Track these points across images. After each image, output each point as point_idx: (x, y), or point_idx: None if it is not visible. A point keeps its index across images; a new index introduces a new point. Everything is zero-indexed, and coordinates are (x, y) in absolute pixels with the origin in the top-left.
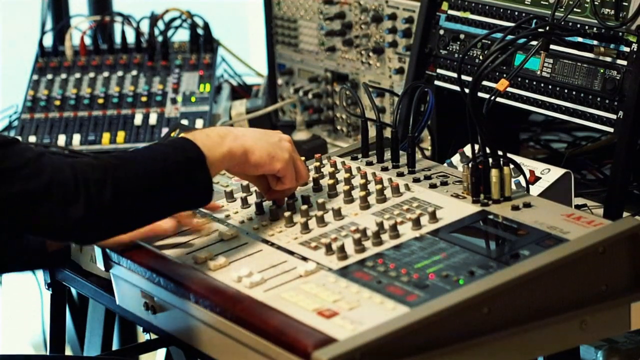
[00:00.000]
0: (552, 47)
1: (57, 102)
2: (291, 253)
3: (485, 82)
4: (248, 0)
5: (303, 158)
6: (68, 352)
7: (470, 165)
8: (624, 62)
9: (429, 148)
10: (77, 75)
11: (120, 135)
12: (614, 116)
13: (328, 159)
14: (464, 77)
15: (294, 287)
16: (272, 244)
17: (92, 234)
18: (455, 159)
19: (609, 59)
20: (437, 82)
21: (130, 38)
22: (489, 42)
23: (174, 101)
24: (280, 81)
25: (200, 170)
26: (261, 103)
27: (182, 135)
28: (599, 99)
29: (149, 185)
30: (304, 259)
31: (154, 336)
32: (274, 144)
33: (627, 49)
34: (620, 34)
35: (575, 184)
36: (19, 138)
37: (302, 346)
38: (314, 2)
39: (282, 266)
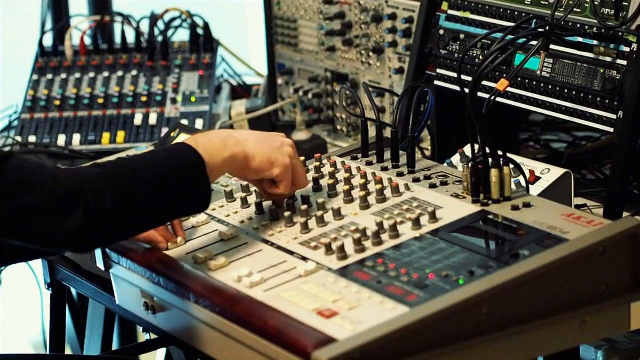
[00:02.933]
0: (552, 47)
1: (57, 102)
2: (291, 253)
3: (485, 82)
4: (248, 0)
5: (303, 158)
6: (68, 352)
7: (470, 165)
8: (624, 62)
9: (429, 148)
10: (77, 75)
11: (120, 135)
12: (614, 116)
13: (328, 159)
14: (464, 77)
15: (294, 287)
16: (272, 244)
17: (90, 242)
18: (455, 159)
19: (609, 59)
20: (437, 82)
21: (130, 38)
22: (489, 42)
23: (174, 101)
24: (280, 81)
25: (199, 177)
26: (261, 103)
27: (184, 140)
28: (599, 99)
29: (148, 192)
30: (304, 259)
31: (154, 336)
32: (276, 149)
33: (627, 49)
34: (620, 34)
35: (575, 184)
36: (14, 151)
37: (302, 346)
38: (314, 2)
39: (282, 266)
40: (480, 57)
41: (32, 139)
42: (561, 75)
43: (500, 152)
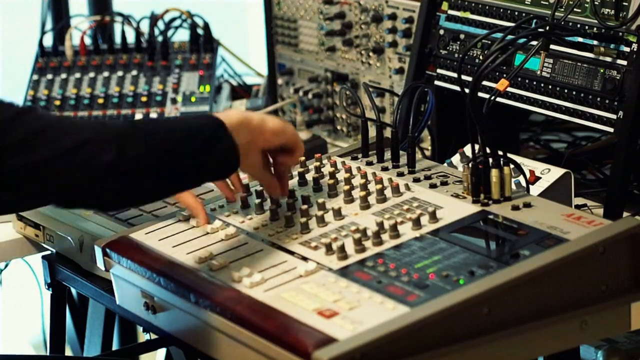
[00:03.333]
0: (552, 47)
1: (57, 102)
2: (291, 253)
3: (485, 82)
4: (248, 0)
5: (303, 158)
6: (68, 352)
7: (470, 165)
8: (624, 62)
9: (429, 148)
10: (77, 75)
11: None
12: (614, 116)
13: (328, 159)
14: (464, 77)
15: (294, 287)
16: (272, 244)
17: (124, 183)
18: (455, 159)
19: (609, 59)
20: (437, 82)
21: (130, 38)
22: (489, 42)
23: (174, 101)
24: (280, 81)
25: (223, 134)
26: (261, 103)
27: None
28: (599, 99)
29: (175, 146)
30: (304, 259)
31: (154, 336)
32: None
33: (627, 49)
34: (620, 34)
35: (575, 184)
36: (34, 106)
37: (303, 346)
38: (314, 2)
39: (282, 266)
40: (480, 57)
41: None
42: (561, 75)
43: (500, 152)
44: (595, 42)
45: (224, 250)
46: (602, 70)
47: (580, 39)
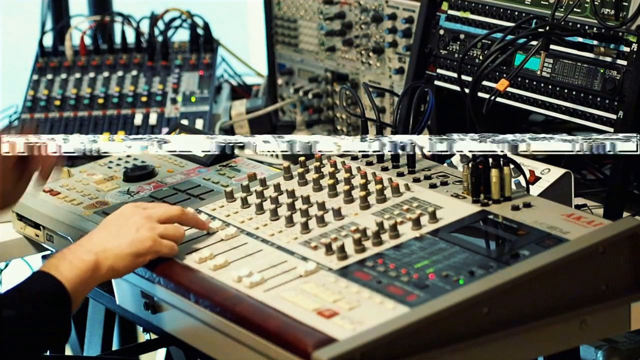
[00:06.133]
0: (552, 47)
1: (57, 102)
2: (291, 253)
3: (485, 82)
4: (248, 0)
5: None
6: (68, 352)
7: (470, 165)
8: (624, 62)
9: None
10: (77, 75)
11: (120, 135)
12: (614, 116)
13: (328, 159)
14: (464, 77)
15: (294, 287)
16: (272, 244)
17: None
18: (455, 159)
19: (609, 59)
20: (437, 82)
21: (130, 38)
22: (489, 42)
23: (174, 101)
24: (280, 81)
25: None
26: (261, 103)
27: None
28: (599, 99)
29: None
30: (304, 259)
31: (154, 336)
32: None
33: (627, 49)
34: (620, 34)
35: (575, 184)
36: None
37: (302, 346)
38: (314, 2)
39: (282, 266)
40: (480, 57)
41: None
42: (561, 75)
43: (500, 152)
44: (595, 42)
45: (224, 250)
46: (602, 70)
47: (580, 39)
